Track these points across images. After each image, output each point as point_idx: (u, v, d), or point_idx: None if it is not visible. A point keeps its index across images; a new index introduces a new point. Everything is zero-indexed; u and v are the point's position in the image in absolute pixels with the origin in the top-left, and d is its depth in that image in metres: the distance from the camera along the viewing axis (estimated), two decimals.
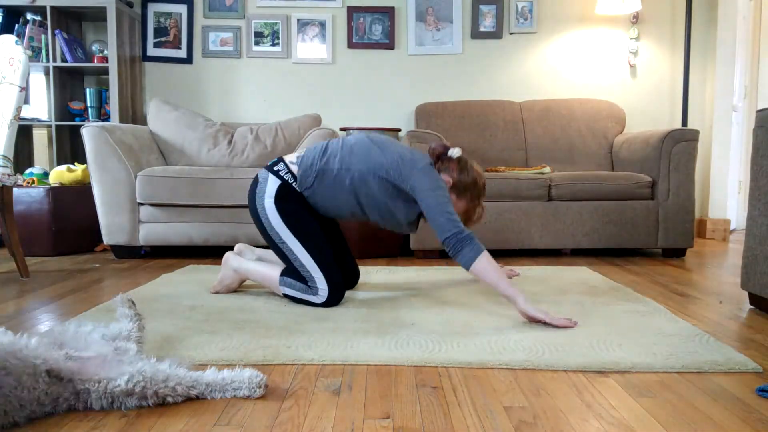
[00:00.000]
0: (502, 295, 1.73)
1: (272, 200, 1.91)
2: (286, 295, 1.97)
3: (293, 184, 1.93)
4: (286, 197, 1.92)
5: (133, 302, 1.43)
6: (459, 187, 1.94)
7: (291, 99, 3.90)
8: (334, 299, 1.90)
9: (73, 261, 2.93)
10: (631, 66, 3.89)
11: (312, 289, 1.90)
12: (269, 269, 2.00)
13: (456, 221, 1.76)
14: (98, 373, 1.11)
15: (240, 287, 2.20)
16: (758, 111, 1.88)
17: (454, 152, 1.96)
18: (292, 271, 1.95)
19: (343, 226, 3.10)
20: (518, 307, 1.69)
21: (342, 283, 1.93)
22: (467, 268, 1.72)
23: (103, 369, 1.13)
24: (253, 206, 1.95)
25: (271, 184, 1.93)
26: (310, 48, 3.86)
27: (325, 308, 1.90)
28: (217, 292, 2.13)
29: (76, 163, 3.36)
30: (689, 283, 2.38)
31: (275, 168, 1.96)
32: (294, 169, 1.94)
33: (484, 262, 1.71)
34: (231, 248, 2.25)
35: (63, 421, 1.07)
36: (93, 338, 1.25)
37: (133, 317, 1.36)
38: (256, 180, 1.98)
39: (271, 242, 1.95)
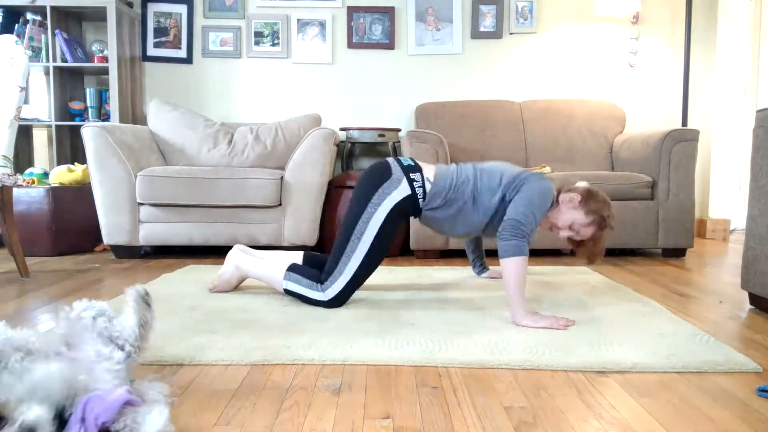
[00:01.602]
0: (511, 300, 1.71)
1: (392, 206, 1.86)
2: (287, 291, 1.96)
3: (419, 199, 1.90)
4: (403, 210, 1.90)
5: (147, 301, 1.22)
6: (587, 201, 1.87)
7: (291, 99, 3.90)
8: (337, 303, 1.90)
9: (73, 261, 2.93)
10: (631, 66, 3.89)
11: (318, 285, 1.90)
12: (272, 266, 2.00)
13: (530, 222, 1.75)
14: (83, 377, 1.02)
15: (239, 287, 2.20)
16: (758, 111, 1.88)
17: (582, 184, 1.95)
18: (299, 269, 1.94)
19: None
20: (514, 320, 1.69)
21: (350, 297, 1.93)
22: (504, 255, 1.71)
23: (86, 375, 1.05)
24: (368, 193, 1.88)
25: (401, 190, 1.88)
26: (310, 48, 3.86)
27: (325, 308, 1.90)
28: (215, 287, 2.13)
29: (76, 163, 3.36)
30: (689, 283, 2.38)
31: (411, 176, 1.90)
32: (428, 187, 1.90)
33: (522, 263, 1.71)
34: (231, 248, 2.25)
35: None
36: (87, 337, 1.12)
37: (137, 323, 1.19)
38: (387, 170, 1.91)
39: (347, 227, 1.88)
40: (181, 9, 3.84)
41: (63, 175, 3.20)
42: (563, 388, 1.24)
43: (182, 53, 3.86)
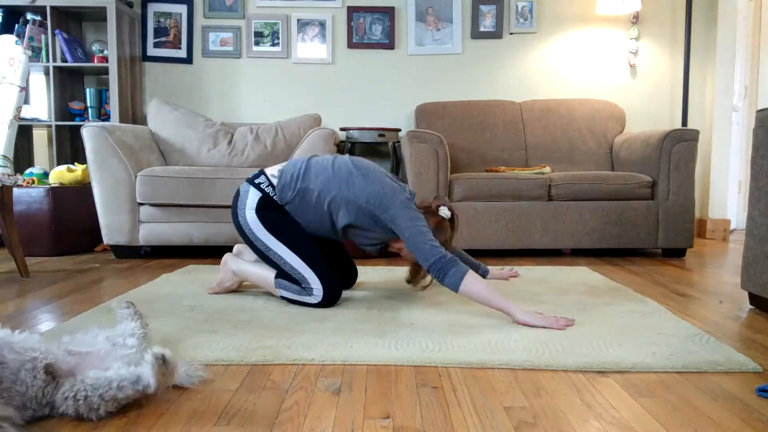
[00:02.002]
0: (496, 309, 1.72)
1: (253, 211, 1.91)
2: (283, 297, 1.97)
3: (273, 197, 1.93)
4: (268, 207, 1.92)
5: (131, 303, 1.41)
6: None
7: (291, 99, 3.90)
8: (329, 298, 1.89)
9: (73, 261, 2.93)
10: (631, 66, 3.89)
11: (306, 290, 1.90)
12: (267, 271, 2.00)
13: (437, 247, 1.76)
14: (96, 367, 1.10)
15: (239, 288, 2.20)
16: (758, 111, 1.88)
17: (444, 212, 1.98)
18: (285, 275, 1.94)
19: None
20: (515, 320, 1.69)
21: (337, 281, 1.93)
22: (456, 289, 1.71)
23: (102, 363, 1.12)
24: (236, 220, 1.96)
25: (252, 196, 1.93)
26: (310, 48, 3.86)
27: (324, 309, 1.90)
28: (215, 293, 2.13)
29: (76, 163, 3.36)
30: (689, 283, 2.38)
31: (256, 180, 1.97)
32: (274, 182, 1.94)
33: (471, 280, 1.70)
34: (231, 248, 2.25)
35: (62, 422, 1.07)
36: (97, 340, 1.24)
37: (133, 316, 1.35)
38: (237, 194, 1.99)
39: (258, 252, 1.95)
40: (181, 9, 3.84)
41: (63, 175, 3.20)
42: (563, 388, 1.24)
43: (182, 53, 3.86)
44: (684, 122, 3.77)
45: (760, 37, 4.18)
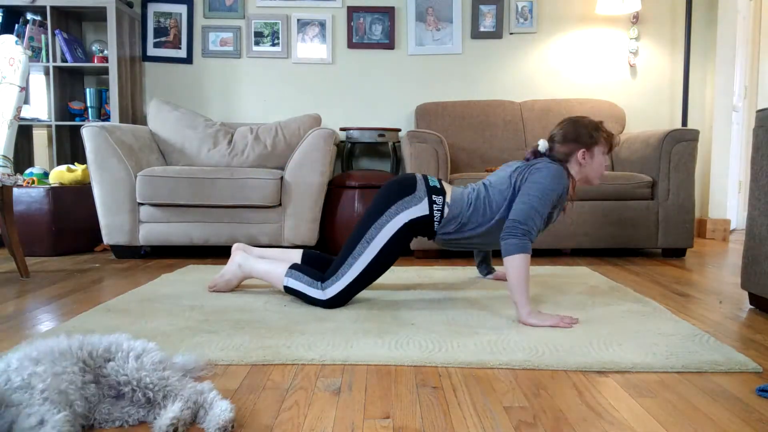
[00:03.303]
0: (513, 298, 1.72)
1: (407, 220, 1.87)
2: (287, 288, 1.95)
3: (436, 223, 1.91)
4: (417, 228, 1.90)
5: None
6: (583, 138, 1.87)
7: (291, 99, 3.90)
8: (335, 304, 1.90)
9: (73, 261, 2.93)
10: (631, 66, 3.89)
11: (319, 284, 1.89)
12: (274, 265, 2.00)
13: (533, 218, 1.75)
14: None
15: (239, 287, 2.20)
16: (758, 111, 1.88)
17: (542, 145, 1.95)
18: (301, 268, 1.95)
19: (343, 225, 3.10)
20: (520, 319, 1.70)
21: (348, 300, 1.93)
22: (505, 254, 1.72)
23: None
24: (388, 201, 1.89)
25: (421, 208, 1.88)
26: (310, 48, 3.86)
27: (324, 309, 1.90)
28: (215, 286, 2.12)
29: (76, 163, 3.36)
30: (689, 283, 2.38)
31: (434, 197, 1.90)
32: (446, 211, 1.91)
33: (522, 260, 1.71)
34: (230, 248, 2.25)
35: None
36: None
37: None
38: (412, 184, 1.91)
39: (360, 230, 1.89)
40: (181, 9, 3.84)
41: (63, 175, 3.20)
42: (563, 388, 1.24)
43: (182, 53, 3.86)
44: (684, 122, 3.77)
45: (760, 37, 4.18)
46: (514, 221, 1.76)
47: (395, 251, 1.90)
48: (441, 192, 1.93)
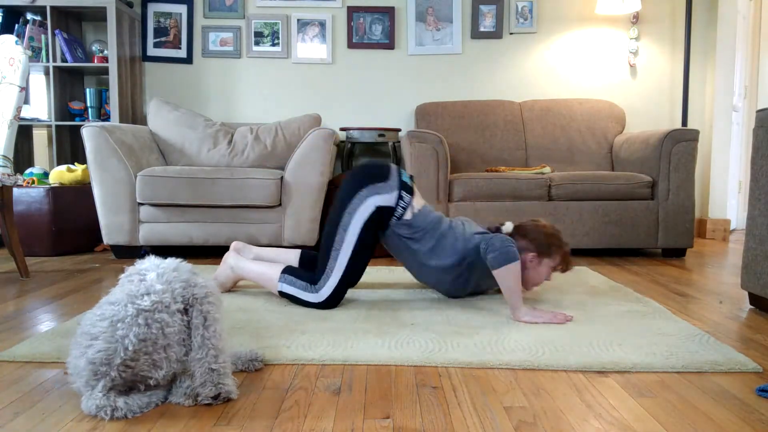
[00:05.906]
0: (510, 301, 1.75)
1: (375, 206, 1.87)
2: (282, 293, 1.96)
3: (394, 218, 1.91)
4: (383, 222, 1.90)
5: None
6: (540, 246, 1.93)
7: (291, 99, 3.90)
8: (330, 304, 1.90)
9: (73, 261, 2.93)
10: (631, 66, 3.89)
11: (313, 287, 1.90)
12: (267, 268, 2.00)
13: (506, 238, 1.80)
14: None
15: (235, 287, 2.20)
16: (758, 111, 1.88)
17: (508, 226, 2.00)
18: (295, 271, 1.95)
19: None
20: (514, 317, 1.74)
21: (343, 296, 1.93)
22: (494, 267, 1.76)
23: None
24: (359, 184, 1.89)
25: (389, 198, 1.89)
26: (310, 48, 3.86)
27: (324, 309, 1.89)
28: None
29: (76, 163, 3.36)
30: (689, 283, 2.38)
31: (402, 193, 1.91)
32: (408, 215, 1.91)
33: (511, 268, 1.74)
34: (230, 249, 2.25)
35: (62, 422, 1.07)
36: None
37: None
38: (386, 172, 1.92)
39: (335, 218, 1.90)
40: (181, 9, 3.84)
41: (63, 175, 3.20)
42: (563, 388, 1.24)
43: (182, 53, 3.86)
44: (684, 122, 3.77)
45: (760, 37, 4.19)
46: (491, 236, 1.81)
47: (374, 234, 1.91)
48: (411, 192, 1.94)
